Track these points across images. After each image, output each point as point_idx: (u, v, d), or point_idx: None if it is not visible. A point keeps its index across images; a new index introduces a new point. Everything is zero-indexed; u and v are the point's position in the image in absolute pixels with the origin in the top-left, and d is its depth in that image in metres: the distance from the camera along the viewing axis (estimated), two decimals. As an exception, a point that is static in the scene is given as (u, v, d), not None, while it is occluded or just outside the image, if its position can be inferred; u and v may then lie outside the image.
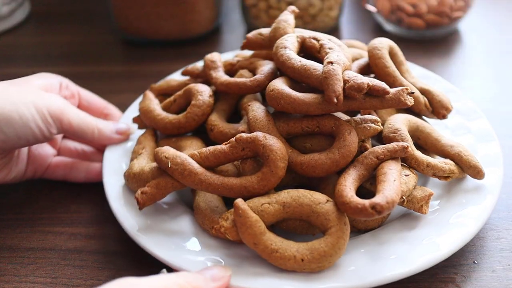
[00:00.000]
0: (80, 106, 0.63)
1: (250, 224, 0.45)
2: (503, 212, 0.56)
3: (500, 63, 0.82)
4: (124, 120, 0.64)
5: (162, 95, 0.64)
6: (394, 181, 0.46)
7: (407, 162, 0.51)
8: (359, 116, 0.52)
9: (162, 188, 0.50)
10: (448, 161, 0.53)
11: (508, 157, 0.62)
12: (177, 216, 0.53)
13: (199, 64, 0.64)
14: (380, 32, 0.90)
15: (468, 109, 0.63)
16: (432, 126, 0.57)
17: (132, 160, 0.57)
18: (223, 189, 0.48)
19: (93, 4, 1.03)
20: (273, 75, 0.55)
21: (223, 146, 0.49)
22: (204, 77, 0.62)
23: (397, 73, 0.56)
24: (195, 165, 0.49)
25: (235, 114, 0.60)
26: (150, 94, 0.61)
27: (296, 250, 0.45)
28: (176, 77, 0.70)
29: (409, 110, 0.57)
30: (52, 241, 0.55)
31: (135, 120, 0.62)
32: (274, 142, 0.48)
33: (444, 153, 0.54)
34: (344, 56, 0.51)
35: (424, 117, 0.59)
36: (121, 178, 0.57)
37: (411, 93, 0.49)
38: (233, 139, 0.49)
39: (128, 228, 0.51)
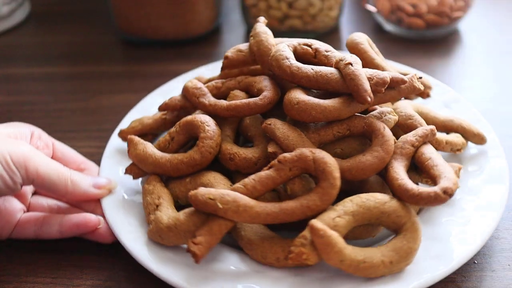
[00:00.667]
0: (54, 159, 0.57)
1: (333, 243, 0.43)
2: (503, 212, 0.56)
3: (500, 63, 0.82)
4: (104, 169, 0.58)
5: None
6: (444, 163, 0.47)
7: None
8: (377, 111, 0.52)
9: (217, 233, 0.45)
10: (456, 134, 0.57)
11: (508, 158, 0.62)
12: (221, 258, 0.49)
13: (176, 96, 0.58)
14: (380, 32, 0.90)
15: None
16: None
17: (149, 213, 0.51)
18: (284, 215, 0.45)
19: (93, 4, 1.03)
20: (277, 88, 0.54)
21: (267, 172, 0.47)
22: (185, 108, 0.57)
23: (383, 63, 0.57)
24: (247, 199, 0.45)
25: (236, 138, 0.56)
26: (137, 138, 0.54)
27: (382, 255, 0.44)
28: (136, 115, 0.64)
29: None
30: (52, 241, 0.55)
31: (128, 170, 0.55)
32: (324, 155, 0.46)
33: (447, 128, 0.57)
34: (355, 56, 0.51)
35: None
36: (137, 235, 0.50)
37: (419, 78, 0.52)
38: (275, 161, 0.47)
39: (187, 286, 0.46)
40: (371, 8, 0.89)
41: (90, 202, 0.55)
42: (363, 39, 0.58)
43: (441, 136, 0.54)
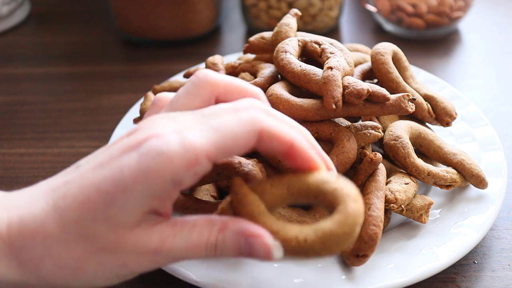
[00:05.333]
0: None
1: (247, 203, 0.41)
2: (503, 212, 0.56)
3: (500, 63, 0.82)
4: (125, 122, 0.63)
5: None
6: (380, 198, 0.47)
7: (408, 170, 0.51)
8: (359, 122, 0.52)
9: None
10: (450, 169, 0.52)
11: (508, 158, 0.62)
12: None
13: (201, 66, 0.63)
14: (380, 32, 0.90)
15: (473, 116, 0.62)
16: (435, 133, 0.56)
17: None
18: None
19: (93, 4, 1.03)
20: (273, 79, 0.55)
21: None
22: None
23: (400, 79, 0.55)
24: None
25: None
26: (151, 95, 0.61)
27: (300, 231, 0.39)
28: (179, 78, 0.69)
29: (412, 117, 0.57)
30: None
31: (136, 121, 0.61)
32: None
33: (447, 161, 0.53)
34: (344, 61, 0.50)
35: (428, 124, 0.58)
36: None
37: (412, 100, 0.49)
38: None
39: None
40: (371, 8, 0.89)
41: None
42: (387, 49, 0.56)
43: (424, 165, 0.51)
